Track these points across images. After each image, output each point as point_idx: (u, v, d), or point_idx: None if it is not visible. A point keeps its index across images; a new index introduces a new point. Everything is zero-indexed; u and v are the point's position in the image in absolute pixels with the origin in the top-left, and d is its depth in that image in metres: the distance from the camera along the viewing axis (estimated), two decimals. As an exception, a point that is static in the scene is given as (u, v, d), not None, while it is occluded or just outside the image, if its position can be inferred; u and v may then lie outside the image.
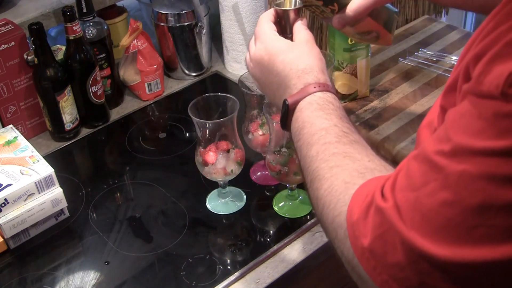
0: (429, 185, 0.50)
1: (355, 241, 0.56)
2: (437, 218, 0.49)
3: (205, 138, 0.97)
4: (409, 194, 0.52)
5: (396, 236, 0.52)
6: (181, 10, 1.33)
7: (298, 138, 0.70)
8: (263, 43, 0.76)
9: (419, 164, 0.52)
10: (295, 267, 0.94)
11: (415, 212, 0.51)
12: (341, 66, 1.17)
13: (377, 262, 0.54)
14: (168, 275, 0.93)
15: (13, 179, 0.97)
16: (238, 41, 1.36)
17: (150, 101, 1.35)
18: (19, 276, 0.95)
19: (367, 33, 0.94)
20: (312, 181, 0.65)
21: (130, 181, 1.13)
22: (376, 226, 0.54)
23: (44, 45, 1.12)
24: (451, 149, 0.49)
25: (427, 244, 0.49)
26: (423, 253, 0.50)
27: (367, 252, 0.55)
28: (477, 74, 0.48)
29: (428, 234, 0.49)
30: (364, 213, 0.56)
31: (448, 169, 0.48)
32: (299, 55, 0.74)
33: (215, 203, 1.05)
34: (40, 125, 1.25)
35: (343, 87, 1.21)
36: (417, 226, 0.50)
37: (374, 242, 0.54)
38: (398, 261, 0.52)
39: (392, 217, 0.52)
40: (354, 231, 0.57)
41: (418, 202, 0.51)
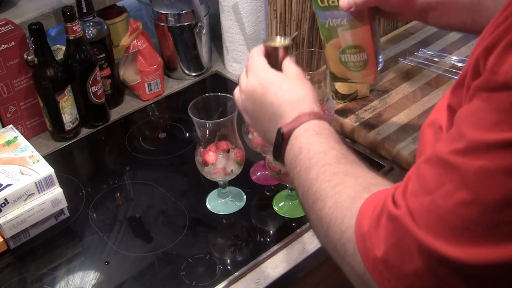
0: (445, 187, 0.48)
1: (366, 254, 0.54)
2: (455, 219, 0.47)
3: (205, 138, 0.97)
4: (423, 198, 0.50)
5: (412, 243, 0.50)
6: (181, 10, 1.33)
7: (295, 165, 0.68)
8: (256, 75, 0.76)
9: (431, 167, 0.51)
10: (295, 267, 0.94)
11: (431, 216, 0.49)
12: None
13: (392, 274, 0.52)
14: (168, 275, 0.93)
15: (13, 179, 0.97)
16: (238, 41, 1.36)
17: (150, 101, 1.35)
18: (19, 276, 0.95)
19: (357, 50, 0.93)
20: (314, 202, 0.63)
21: (130, 181, 1.13)
22: (389, 234, 0.52)
23: (44, 45, 1.12)
24: (465, 146, 0.47)
25: (446, 248, 0.48)
26: (442, 257, 0.48)
27: (380, 263, 0.53)
28: (490, 66, 0.46)
29: (446, 237, 0.48)
30: (375, 222, 0.54)
31: (464, 167, 0.47)
32: (292, 86, 0.74)
33: (215, 203, 1.05)
34: (40, 125, 1.25)
35: (343, 87, 1.21)
36: (434, 230, 0.48)
37: (389, 251, 0.52)
38: (415, 270, 0.50)
39: (407, 223, 0.50)
40: (365, 243, 0.55)
41: (434, 205, 0.49)
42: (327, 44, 0.95)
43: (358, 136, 1.15)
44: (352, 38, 0.92)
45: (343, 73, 0.99)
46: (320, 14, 0.92)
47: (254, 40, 1.35)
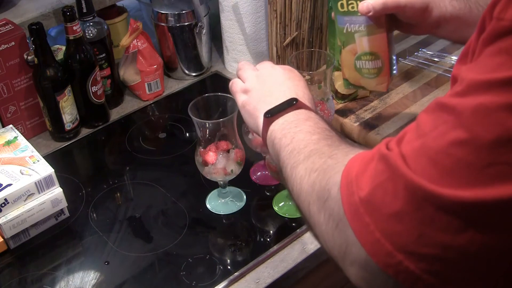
0: (438, 128, 0.48)
1: (349, 198, 0.53)
2: (446, 160, 0.46)
3: (205, 138, 0.97)
4: (416, 141, 0.49)
5: (399, 181, 0.49)
6: (181, 10, 1.33)
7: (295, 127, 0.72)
8: (253, 77, 0.85)
9: (428, 113, 0.50)
10: (295, 267, 0.94)
11: (421, 157, 0.48)
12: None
13: (372, 217, 0.50)
14: (168, 275, 0.93)
15: (13, 179, 0.97)
16: (238, 41, 1.36)
17: (150, 101, 1.35)
18: (19, 276, 0.95)
19: (372, 57, 0.95)
20: (307, 157, 0.65)
21: (130, 181, 1.13)
22: (377, 174, 0.51)
23: (44, 45, 1.12)
24: (464, 87, 0.46)
25: (434, 186, 0.46)
26: (428, 195, 0.47)
27: (361, 206, 0.51)
28: (496, 14, 0.45)
29: (435, 177, 0.46)
30: (364, 166, 0.54)
31: (460, 106, 0.46)
32: (285, 77, 0.84)
33: (215, 203, 1.05)
34: (40, 125, 1.25)
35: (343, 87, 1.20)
36: (424, 171, 0.47)
37: (373, 192, 0.51)
38: (397, 210, 0.48)
39: (397, 162, 0.49)
40: (349, 187, 0.54)
41: (425, 146, 0.48)
42: (343, 50, 0.96)
43: (358, 136, 1.15)
44: (369, 44, 0.93)
45: (356, 79, 0.99)
46: (339, 19, 0.93)
47: (254, 40, 1.35)
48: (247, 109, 0.82)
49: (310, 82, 1.07)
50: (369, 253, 0.51)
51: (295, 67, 1.09)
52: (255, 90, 0.82)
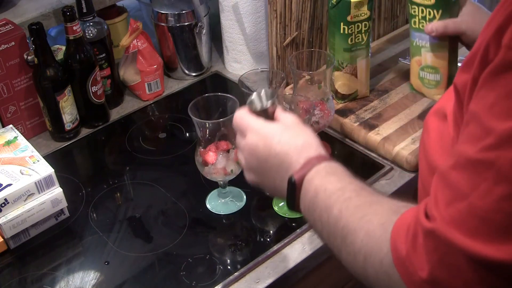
0: (481, 186, 0.46)
1: (410, 279, 0.52)
2: (499, 217, 0.45)
3: (205, 138, 0.97)
4: (460, 203, 0.48)
5: (458, 254, 0.48)
6: (181, 10, 1.33)
7: (313, 208, 0.65)
8: (254, 131, 0.73)
9: (461, 170, 0.48)
10: (295, 267, 0.94)
11: (472, 219, 0.47)
12: (341, 66, 1.17)
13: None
14: (168, 275, 0.93)
15: (13, 179, 0.97)
16: (238, 41, 1.36)
17: (150, 101, 1.35)
18: (19, 276, 0.95)
19: (433, 71, 1.06)
20: (343, 239, 0.61)
21: (130, 181, 1.13)
22: (430, 252, 0.50)
23: (44, 45, 1.12)
24: (495, 140, 0.45)
25: (493, 251, 0.45)
26: (492, 262, 0.46)
27: (427, 286, 0.50)
28: (507, 42, 0.44)
29: (491, 238, 0.46)
30: (411, 243, 0.52)
31: (498, 161, 0.45)
32: (294, 133, 0.72)
33: (215, 203, 1.05)
34: (40, 125, 1.25)
35: (343, 87, 1.21)
36: (478, 233, 0.46)
37: (434, 271, 0.50)
38: (465, 283, 0.48)
39: (447, 235, 0.48)
40: (406, 268, 0.52)
41: (473, 208, 0.47)
42: (412, 59, 1.09)
43: (358, 136, 1.15)
44: (431, 59, 1.05)
45: (418, 86, 1.10)
46: (412, 33, 1.06)
47: (254, 40, 1.35)
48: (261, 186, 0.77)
49: (310, 82, 1.07)
50: None
51: (295, 67, 1.10)
52: (257, 174, 0.76)
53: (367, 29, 1.13)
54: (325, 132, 1.18)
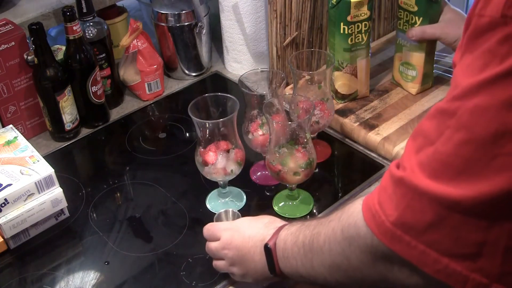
0: (444, 133, 0.51)
1: (379, 228, 0.57)
2: (457, 161, 0.50)
3: (205, 138, 0.97)
4: (428, 148, 0.53)
5: (423, 198, 0.52)
6: (181, 10, 1.33)
7: (287, 255, 0.74)
8: (225, 229, 0.85)
9: (431, 120, 0.54)
10: (295, 267, 0.94)
11: (436, 163, 0.52)
12: (341, 66, 1.17)
13: (411, 235, 0.54)
14: (168, 275, 0.93)
15: (13, 179, 0.97)
16: (238, 41, 1.36)
17: (150, 101, 1.35)
18: (19, 276, 0.95)
19: (410, 67, 1.21)
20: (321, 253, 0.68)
21: (130, 181, 1.13)
22: (400, 198, 0.55)
23: (44, 45, 1.12)
24: (460, 91, 0.50)
25: (454, 191, 0.50)
26: (452, 202, 0.51)
27: (397, 229, 0.55)
28: (477, 11, 0.49)
29: (452, 180, 0.50)
30: (383, 194, 0.57)
31: (459, 110, 0.50)
32: (258, 218, 0.85)
33: (215, 203, 1.05)
34: (40, 125, 1.25)
35: (343, 87, 1.21)
36: (440, 176, 0.51)
37: (403, 214, 0.55)
38: (430, 222, 0.52)
39: (414, 180, 0.53)
40: (376, 219, 0.57)
41: (437, 152, 0.52)
42: (395, 54, 1.24)
43: (358, 136, 1.15)
44: (410, 57, 1.20)
45: (398, 79, 1.26)
46: (397, 33, 1.22)
47: (254, 40, 1.35)
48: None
49: (310, 82, 1.07)
50: (418, 265, 0.55)
51: (295, 67, 1.10)
52: (239, 264, 0.84)
53: (367, 29, 1.13)
54: (325, 132, 1.18)
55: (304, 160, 0.95)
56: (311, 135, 1.01)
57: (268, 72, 1.26)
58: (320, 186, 1.07)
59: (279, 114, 1.01)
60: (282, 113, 1.02)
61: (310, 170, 0.97)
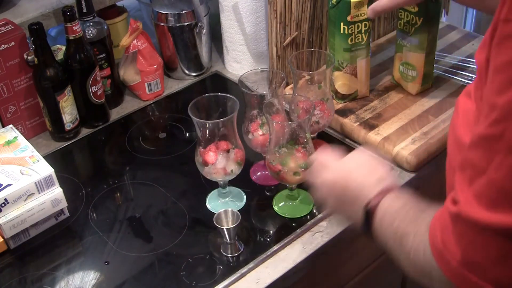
0: (495, 159, 0.48)
1: (448, 267, 0.55)
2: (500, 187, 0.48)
3: (205, 138, 0.97)
4: (480, 179, 0.50)
5: (485, 232, 0.50)
6: (181, 10, 1.33)
7: (380, 225, 0.72)
8: (331, 170, 0.82)
9: (476, 149, 0.51)
10: (295, 267, 0.94)
11: (492, 192, 0.49)
12: (341, 66, 1.17)
13: (477, 274, 0.52)
14: (168, 275, 0.93)
15: (13, 179, 0.97)
16: (238, 41, 1.36)
17: (150, 101, 1.35)
18: (19, 276, 0.95)
19: (410, 67, 1.20)
20: (400, 244, 0.66)
21: (130, 181, 1.13)
22: (460, 235, 0.52)
23: (44, 45, 1.12)
24: (499, 113, 0.47)
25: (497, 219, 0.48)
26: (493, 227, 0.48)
27: (463, 269, 0.52)
28: (502, 17, 0.47)
29: (511, 208, 0.47)
30: (446, 232, 0.54)
31: (505, 132, 0.47)
32: (368, 170, 0.79)
33: (215, 203, 1.05)
34: (40, 125, 1.25)
35: (343, 87, 1.21)
36: (500, 205, 0.48)
37: (465, 253, 0.52)
38: (496, 258, 0.50)
39: (470, 214, 0.50)
40: (443, 257, 0.55)
41: (491, 181, 0.49)
42: (395, 54, 1.24)
43: (358, 136, 1.15)
44: (409, 57, 1.20)
45: (398, 78, 1.26)
46: (398, 33, 1.21)
47: (254, 40, 1.35)
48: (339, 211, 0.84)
49: (310, 82, 1.07)
50: None
51: (295, 67, 1.10)
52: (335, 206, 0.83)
53: (367, 29, 1.13)
54: (325, 132, 1.18)
55: (304, 160, 0.95)
56: (311, 135, 1.01)
57: (268, 72, 1.27)
58: (320, 186, 1.07)
59: (279, 114, 1.01)
60: (282, 113, 1.02)
61: (310, 170, 0.97)
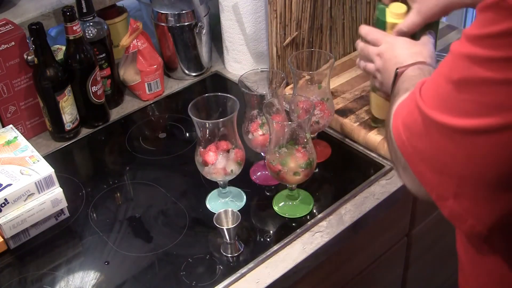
0: (441, 65, 0.63)
1: (395, 124, 0.70)
2: (438, 90, 0.62)
3: (205, 138, 0.97)
4: (430, 78, 0.66)
5: (418, 109, 0.64)
6: (181, 10, 1.33)
7: (397, 89, 0.86)
8: (387, 43, 0.97)
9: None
10: (295, 267, 0.94)
11: (427, 87, 0.64)
12: (377, 88, 1.11)
13: (405, 133, 0.66)
14: (168, 275, 0.93)
15: (13, 179, 0.97)
16: (238, 41, 1.36)
17: (150, 101, 1.35)
18: (19, 276, 0.95)
19: None
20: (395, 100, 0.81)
21: (130, 181, 1.13)
22: (408, 107, 0.67)
23: (44, 45, 1.12)
24: (460, 37, 0.60)
25: (432, 113, 0.62)
26: (431, 118, 0.62)
27: (401, 127, 0.67)
28: None
29: (435, 105, 0.62)
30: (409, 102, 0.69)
31: (453, 50, 0.60)
32: (412, 44, 0.95)
33: (215, 203, 1.05)
34: (40, 125, 1.25)
35: (378, 109, 1.13)
36: (426, 99, 0.63)
37: (406, 117, 0.67)
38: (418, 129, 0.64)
39: (416, 98, 0.65)
40: (396, 116, 0.70)
41: (430, 78, 0.65)
42: None
43: (358, 136, 1.15)
44: None
45: None
46: None
47: (254, 40, 1.35)
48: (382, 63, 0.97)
49: (310, 82, 1.07)
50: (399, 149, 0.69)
51: (295, 67, 1.10)
52: (380, 72, 0.98)
53: None
54: (325, 132, 1.18)
55: (304, 160, 0.95)
56: (311, 135, 1.01)
57: (268, 72, 1.27)
58: (320, 186, 1.07)
59: (279, 114, 1.01)
60: (282, 113, 1.02)
61: (310, 170, 0.97)
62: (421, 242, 1.35)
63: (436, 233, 1.37)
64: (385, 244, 1.23)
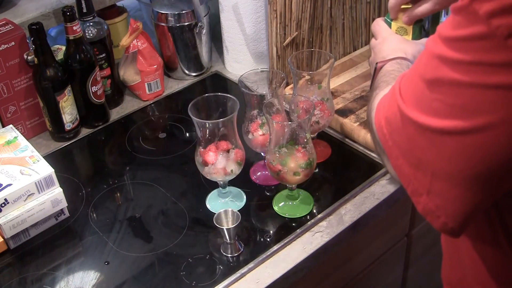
0: (415, 62, 0.65)
1: (377, 117, 0.72)
2: (413, 87, 0.62)
3: (205, 138, 0.97)
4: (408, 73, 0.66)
5: (398, 108, 0.65)
6: (181, 10, 1.33)
7: (376, 83, 0.89)
8: (383, 38, 0.99)
9: None
10: (295, 267, 0.94)
11: (405, 87, 0.65)
12: None
13: (387, 129, 0.68)
14: (168, 275, 0.93)
15: (13, 179, 0.97)
16: (238, 41, 1.36)
17: (150, 101, 1.35)
18: (19, 276, 0.95)
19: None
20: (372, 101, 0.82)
21: (130, 181, 1.13)
22: (389, 101, 0.69)
23: (44, 45, 1.12)
24: (434, 36, 0.61)
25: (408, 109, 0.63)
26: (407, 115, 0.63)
27: (383, 121, 0.68)
28: None
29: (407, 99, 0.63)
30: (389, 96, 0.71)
31: (427, 48, 0.62)
32: (399, 41, 0.97)
33: (215, 203, 1.05)
34: (40, 125, 1.25)
35: None
36: (403, 94, 0.65)
37: (388, 111, 0.68)
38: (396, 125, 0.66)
39: (396, 93, 0.66)
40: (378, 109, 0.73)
41: (406, 74, 0.66)
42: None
43: (358, 136, 1.15)
44: None
45: None
46: None
47: (254, 40, 1.35)
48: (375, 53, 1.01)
49: (310, 82, 1.07)
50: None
51: (295, 67, 1.10)
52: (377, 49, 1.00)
53: None
54: (325, 132, 1.18)
55: (304, 160, 0.95)
56: (311, 135, 1.01)
57: (268, 72, 1.27)
58: (320, 186, 1.07)
59: (279, 114, 1.01)
60: (282, 113, 1.02)
61: (310, 170, 0.97)
62: (421, 242, 1.35)
63: (436, 233, 1.36)
64: (385, 244, 1.23)
